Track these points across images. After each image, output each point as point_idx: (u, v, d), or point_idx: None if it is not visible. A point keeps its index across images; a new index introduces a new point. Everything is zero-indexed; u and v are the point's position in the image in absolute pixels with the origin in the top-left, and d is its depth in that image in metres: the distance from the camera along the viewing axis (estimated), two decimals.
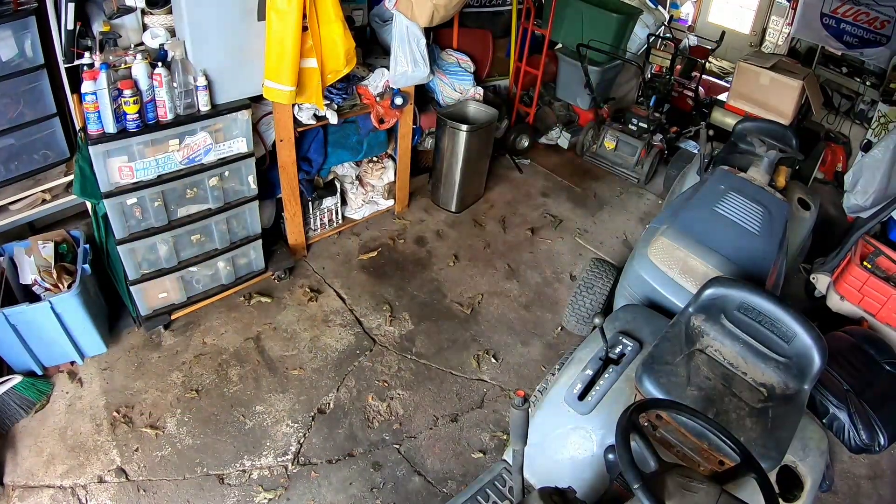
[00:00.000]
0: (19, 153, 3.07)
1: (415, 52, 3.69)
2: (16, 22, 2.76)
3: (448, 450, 3.09)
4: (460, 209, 4.76)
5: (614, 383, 2.43)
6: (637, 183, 5.38)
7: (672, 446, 2.10)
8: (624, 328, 2.67)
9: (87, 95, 2.62)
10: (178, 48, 2.85)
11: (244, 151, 3.26)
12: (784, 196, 3.15)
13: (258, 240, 3.66)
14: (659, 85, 5.64)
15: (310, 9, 2.97)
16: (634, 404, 1.73)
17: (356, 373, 3.41)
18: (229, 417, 3.10)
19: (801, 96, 4.68)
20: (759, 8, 8.46)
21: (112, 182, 2.89)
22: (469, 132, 4.36)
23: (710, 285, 2.42)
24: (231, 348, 3.45)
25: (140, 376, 3.24)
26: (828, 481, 3.02)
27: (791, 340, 2.26)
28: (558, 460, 2.36)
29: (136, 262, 3.19)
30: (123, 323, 3.50)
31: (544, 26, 5.24)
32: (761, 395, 2.20)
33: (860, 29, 5.75)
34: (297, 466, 2.92)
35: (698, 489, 1.55)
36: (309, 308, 3.78)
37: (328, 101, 3.58)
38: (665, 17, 6.06)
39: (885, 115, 5.39)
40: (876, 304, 3.57)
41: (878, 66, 5.80)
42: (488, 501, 2.34)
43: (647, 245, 3.02)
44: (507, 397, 3.37)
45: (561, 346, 3.71)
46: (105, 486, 2.74)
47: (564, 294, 4.11)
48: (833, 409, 3.18)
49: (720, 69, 8.48)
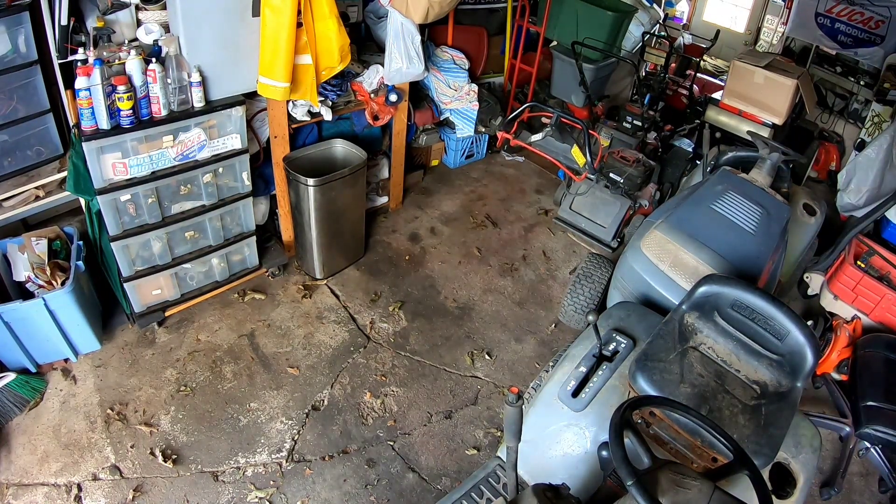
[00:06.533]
0: (12, 149, 3.05)
1: (409, 48, 3.69)
2: (9, 17, 2.75)
3: (442, 446, 3.09)
4: (326, 275, 4.00)
5: (608, 380, 2.43)
6: None
7: (665, 443, 2.11)
8: (618, 325, 2.67)
9: (80, 91, 2.61)
10: (172, 44, 2.83)
11: (238, 148, 3.26)
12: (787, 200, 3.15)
13: (252, 236, 3.65)
14: (653, 83, 5.64)
15: (304, 5, 2.96)
16: (628, 401, 1.73)
17: (350, 370, 3.41)
18: (223, 414, 3.10)
19: (795, 95, 4.68)
20: (754, 7, 8.48)
21: (106, 178, 2.88)
22: (318, 186, 3.51)
23: (704, 283, 2.43)
24: (225, 345, 3.45)
25: (134, 373, 3.23)
26: (836, 488, 3.04)
27: (784, 338, 2.27)
28: (552, 457, 2.36)
29: (130, 258, 3.18)
30: (117, 320, 3.49)
31: (539, 24, 5.24)
32: (754, 392, 2.21)
33: (854, 28, 5.77)
34: (291, 463, 2.92)
35: (691, 486, 1.56)
36: (303, 305, 3.78)
37: (322, 97, 3.58)
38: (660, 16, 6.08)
39: (878, 115, 5.41)
40: (869, 303, 3.59)
41: (871, 66, 5.82)
42: (482, 498, 2.35)
43: (640, 238, 3.03)
44: (501, 394, 3.38)
45: (555, 343, 3.72)
46: (99, 484, 2.73)
47: (558, 291, 4.12)
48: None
49: (715, 68, 8.50)
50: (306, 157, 3.72)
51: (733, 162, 3.46)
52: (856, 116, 5.96)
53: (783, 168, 3.45)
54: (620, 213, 4.06)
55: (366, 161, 3.75)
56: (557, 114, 3.91)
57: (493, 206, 4.92)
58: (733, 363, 2.30)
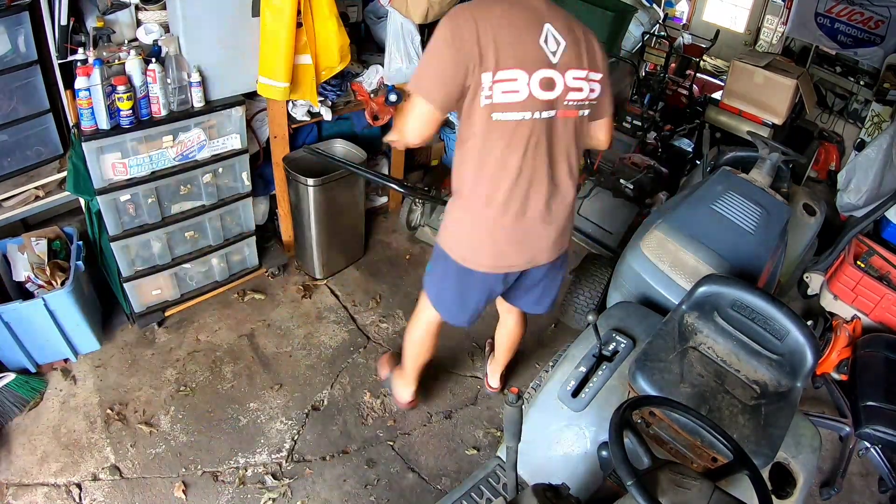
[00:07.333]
0: (12, 149, 3.05)
1: (409, 48, 3.68)
2: (9, 17, 2.74)
3: (442, 446, 3.09)
4: (326, 275, 4.00)
5: (608, 380, 2.43)
6: None
7: (665, 443, 2.11)
8: (617, 325, 2.67)
9: (80, 91, 2.60)
10: (172, 44, 2.83)
11: (238, 148, 3.26)
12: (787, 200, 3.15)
13: (252, 236, 3.65)
14: (653, 83, 5.65)
15: (304, 5, 2.96)
16: (628, 401, 1.73)
17: (350, 370, 3.41)
18: (223, 414, 3.10)
19: (794, 95, 4.69)
20: (754, 7, 8.49)
21: (105, 178, 2.88)
22: (318, 186, 3.52)
23: (704, 283, 2.42)
24: (225, 345, 3.45)
25: (134, 373, 3.23)
26: (836, 488, 3.04)
27: (784, 338, 2.26)
28: (552, 457, 2.36)
29: (130, 258, 3.18)
30: (117, 320, 3.49)
31: None
32: (754, 392, 2.21)
33: (854, 28, 5.77)
34: (291, 463, 2.92)
35: (691, 486, 1.56)
36: (303, 305, 3.78)
37: (322, 97, 3.57)
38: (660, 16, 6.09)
39: (878, 115, 5.42)
40: (869, 303, 3.59)
41: (871, 66, 5.82)
42: (482, 498, 2.35)
43: (640, 237, 3.03)
44: (501, 394, 3.38)
45: (555, 343, 3.72)
46: (99, 484, 2.73)
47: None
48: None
49: (714, 68, 8.51)
50: (306, 157, 3.71)
51: (733, 162, 3.46)
52: (856, 116, 5.96)
53: (783, 168, 3.45)
54: (629, 220, 4.05)
55: (366, 161, 3.75)
56: None
57: None
58: (733, 363, 2.30)
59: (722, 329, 2.36)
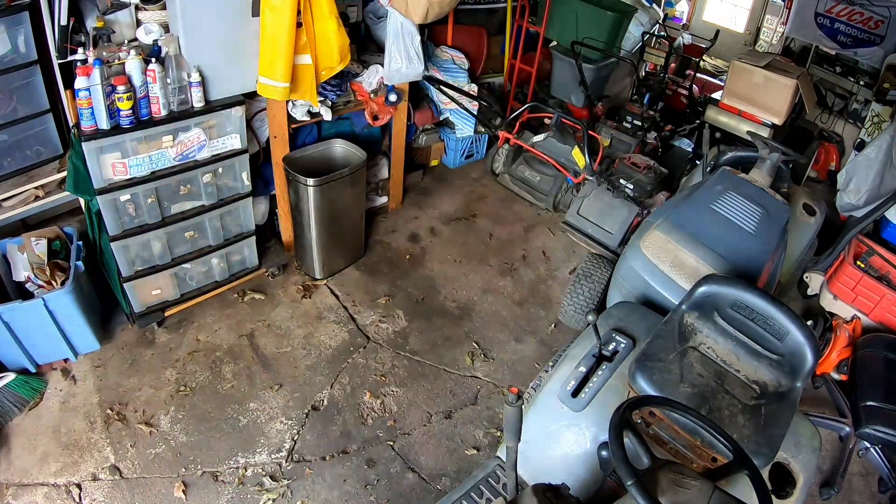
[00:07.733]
0: (12, 149, 3.05)
1: (409, 48, 3.69)
2: (9, 17, 2.74)
3: (442, 446, 3.09)
4: (326, 275, 3.99)
5: (608, 380, 2.43)
6: None
7: (665, 443, 2.11)
8: (617, 325, 2.67)
9: (80, 91, 2.60)
10: (171, 44, 2.83)
11: (238, 148, 3.25)
12: (787, 200, 3.16)
13: (252, 236, 3.65)
14: (653, 83, 5.65)
15: (304, 5, 2.96)
16: (628, 401, 1.73)
17: (350, 370, 3.41)
18: (223, 414, 3.09)
19: (794, 95, 4.69)
20: (754, 7, 8.48)
21: (105, 178, 2.88)
22: (318, 186, 3.51)
23: (704, 283, 2.43)
24: (225, 345, 3.45)
25: (134, 373, 3.23)
26: (836, 488, 3.04)
27: (784, 338, 2.27)
28: (552, 457, 2.36)
29: (130, 258, 3.18)
30: (117, 320, 3.49)
31: (539, 24, 5.24)
32: (754, 392, 2.21)
33: (854, 28, 5.77)
34: (291, 463, 2.92)
35: (691, 486, 1.56)
36: (302, 305, 3.77)
37: (322, 97, 3.57)
38: (660, 16, 6.08)
39: (878, 115, 5.41)
40: (869, 303, 3.59)
41: (871, 66, 5.82)
42: (482, 498, 2.35)
43: (640, 237, 3.03)
44: (501, 394, 3.38)
45: (554, 343, 3.72)
46: (99, 484, 2.73)
47: (558, 291, 4.12)
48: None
49: (714, 68, 8.50)
50: (306, 157, 3.71)
51: (733, 162, 3.46)
52: (855, 116, 5.96)
53: (783, 168, 3.45)
54: (629, 220, 4.05)
55: (365, 161, 3.75)
56: (558, 114, 3.90)
57: (493, 206, 4.92)
58: (733, 363, 2.30)
59: (722, 329, 2.36)
